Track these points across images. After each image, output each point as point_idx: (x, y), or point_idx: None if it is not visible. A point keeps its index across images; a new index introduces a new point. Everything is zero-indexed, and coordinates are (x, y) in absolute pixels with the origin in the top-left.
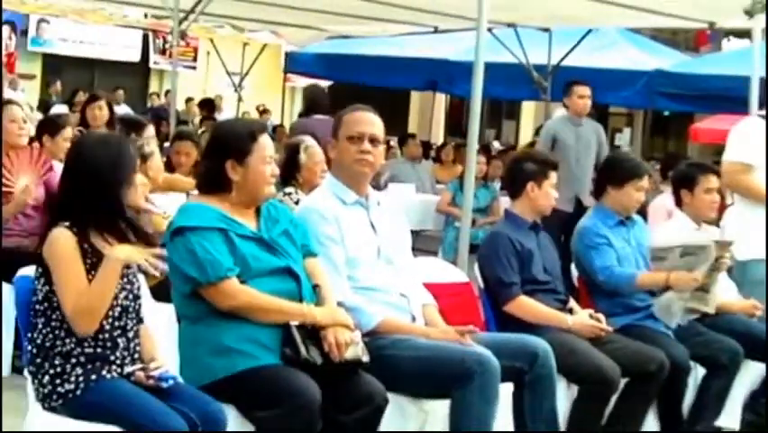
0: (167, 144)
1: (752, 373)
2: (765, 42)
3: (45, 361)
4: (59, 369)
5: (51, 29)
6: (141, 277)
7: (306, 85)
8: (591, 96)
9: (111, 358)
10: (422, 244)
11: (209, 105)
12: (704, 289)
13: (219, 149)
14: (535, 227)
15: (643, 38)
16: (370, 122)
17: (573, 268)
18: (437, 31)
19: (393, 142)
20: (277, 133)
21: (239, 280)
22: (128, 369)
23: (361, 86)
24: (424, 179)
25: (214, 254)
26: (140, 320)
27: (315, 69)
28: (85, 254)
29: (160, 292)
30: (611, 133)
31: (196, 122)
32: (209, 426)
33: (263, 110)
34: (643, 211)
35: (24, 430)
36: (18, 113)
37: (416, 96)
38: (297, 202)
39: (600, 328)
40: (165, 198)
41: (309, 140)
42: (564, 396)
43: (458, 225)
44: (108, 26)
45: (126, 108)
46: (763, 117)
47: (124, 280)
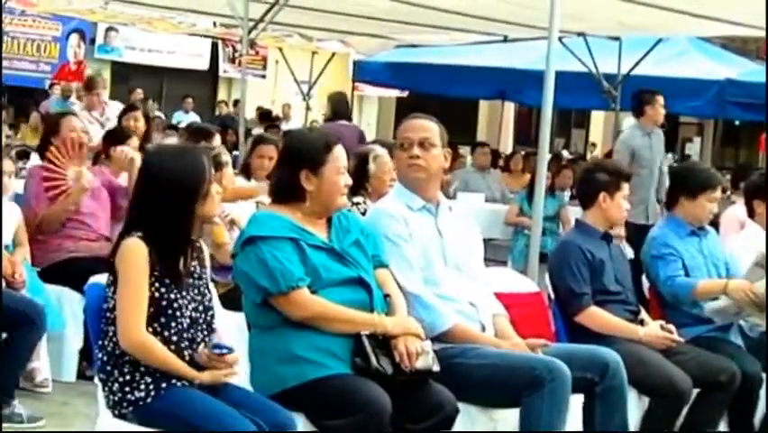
0: (235, 153)
1: None
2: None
3: (115, 368)
4: (128, 376)
5: (120, 37)
6: (212, 286)
7: (331, 93)
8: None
9: None
10: (491, 253)
11: (268, 117)
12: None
13: (294, 158)
14: (607, 237)
15: (713, 47)
16: (420, 127)
17: (645, 279)
18: (506, 40)
19: (462, 150)
20: None
21: (310, 290)
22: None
23: (429, 95)
24: (493, 189)
25: (285, 264)
26: (211, 331)
27: (384, 78)
28: (154, 265)
29: (230, 300)
30: (681, 142)
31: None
32: None
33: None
34: (714, 222)
35: None
36: (77, 123)
37: (484, 105)
38: (365, 213)
39: (672, 340)
40: (234, 206)
41: (379, 149)
42: (635, 407)
43: (527, 232)
44: (177, 35)
45: (194, 116)
46: None
47: (195, 291)
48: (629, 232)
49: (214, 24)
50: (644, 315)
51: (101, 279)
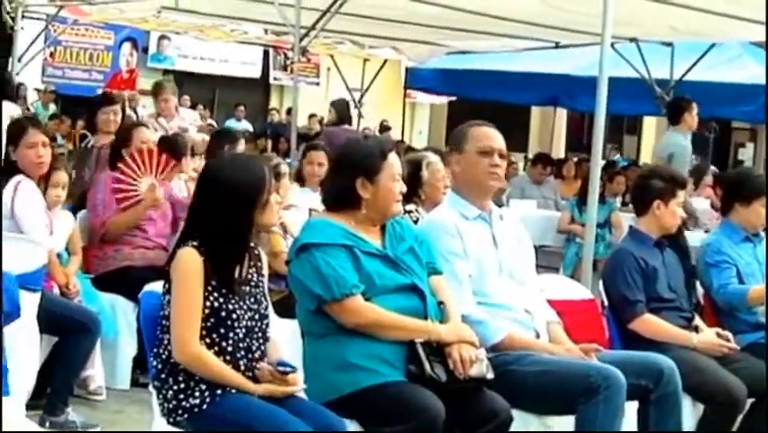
0: (287, 160)
1: None
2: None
3: (170, 376)
4: (183, 384)
5: (172, 45)
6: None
7: (334, 100)
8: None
9: None
10: (543, 259)
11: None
12: None
13: (349, 166)
14: (660, 244)
15: None
16: (498, 136)
17: (699, 285)
18: (558, 46)
19: (513, 157)
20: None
21: (364, 297)
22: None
23: (481, 101)
24: (547, 197)
25: (339, 271)
26: (266, 339)
27: (435, 85)
28: (209, 275)
29: (283, 308)
30: (734, 147)
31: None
32: None
33: (385, 126)
34: None
35: None
36: (149, 135)
37: (536, 112)
38: (417, 221)
39: (727, 347)
40: (287, 212)
41: (432, 156)
42: (690, 414)
43: (579, 241)
44: (229, 43)
45: (246, 124)
46: None
47: (251, 300)
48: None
49: (266, 32)
50: (698, 321)
51: (156, 287)
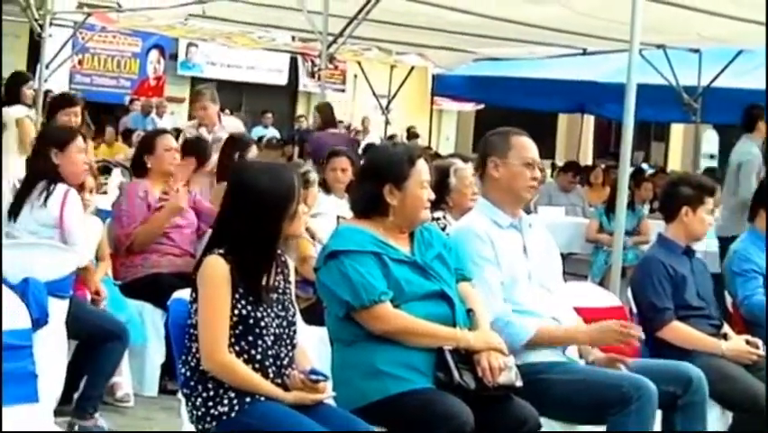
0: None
1: None
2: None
3: (199, 383)
4: (212, 392)
5: (200, 53)
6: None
7: (318, 104)
8: None
9: None
10: (571, 267)
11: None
12: None
13: (377, 173)
14: (689, 252)
15: None
16: (535, 148)
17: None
18: (586, 53)
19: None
20: None
21: (392, 304)
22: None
23: (508, 108)
24: (575, 204)
25: (367, 278)
26: (294, 346)
27: (463, 92)
28: (236, 283)
29: (311, 315)
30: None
31: None
32: None
33: (412, 133)
34: None
35: None
36: (172, 142)
37: (563, 119)
38: (445, 228)
39: (757, 354)
40: (316, 221)
41: (459, 162)
42: (719, 422)
43: (607, 249)
44: (256, 50)
45: (274, 131)
46: None
47: (279, 307)
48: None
49: (293, 39)
50: (726, 329)
51: (184, 294)
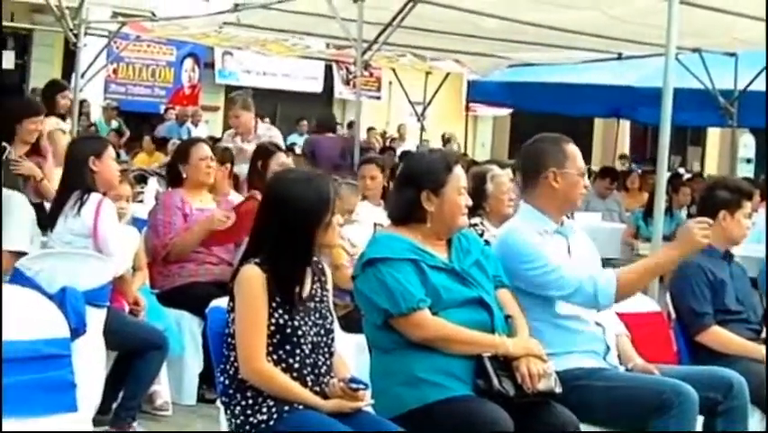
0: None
1: None
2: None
3: (237, 392)
4: (250, 400)
5: (235, 61)
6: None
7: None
8: None
9: None
10: None
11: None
12: None
13: (414, 180)
14: (727, 256)
15: None
16: None
17: None
18: (621, 57)
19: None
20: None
21: (431, 311)
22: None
23: (543, 114)
24: (611, 209)
25: (405, 285)
26: (332, 354)
27: (498, 98)
28: (272, 292)
29: (349, 322)
30: None
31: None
32: None
33: (448, 138)
34: None
35: None
36: (207, 151)
37: (599, 123)
38: (482, 234)
39: None
40: (352, 228)
41: (496, 169)
42: (759, 427)
43: (642, 252)
44: (291, 58)
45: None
46: None
47: (316, 315)
48: None
49: (327, 46)
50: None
51: (222, 303)
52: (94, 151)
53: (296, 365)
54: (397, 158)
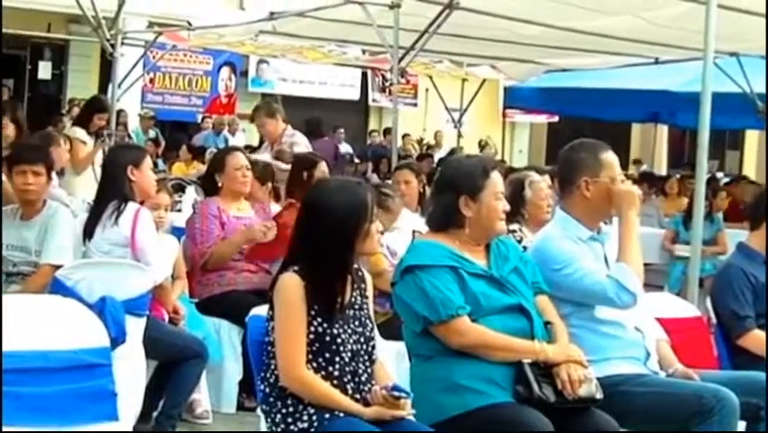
0: (388, 182)
1: None
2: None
3: (278, 400)
4: (291, 408)
5: (271, 69)
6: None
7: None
8: None
9: None
10: (647, 278)
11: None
12: None
13: (451, 185)
14: None
15: None
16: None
17: None
18: (658, 62)
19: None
20: None
21: (470, 318)
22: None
23: (581, 119)
24: (650, 214)
25: (445, 292)
26: (372, 361)
27: (534, 104)
28: (311, 301)
29: (388, 329)
30: None
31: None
32: None
33: (485, 143)
34: None
35: None
36: (243, 161)
37: (636, 128)
38: (521, 240)
39: None
40: (389, 235)
41: (534, 175)
42: None
43: (681, 255)
44: (327, 65)
45: (346, 147)
46: None
47: (356, 323)
48: None
49: (363, 53)
50: None
51: (262, 311)
52: (132, 160)
53: (336, 373)
54: (434, 164)
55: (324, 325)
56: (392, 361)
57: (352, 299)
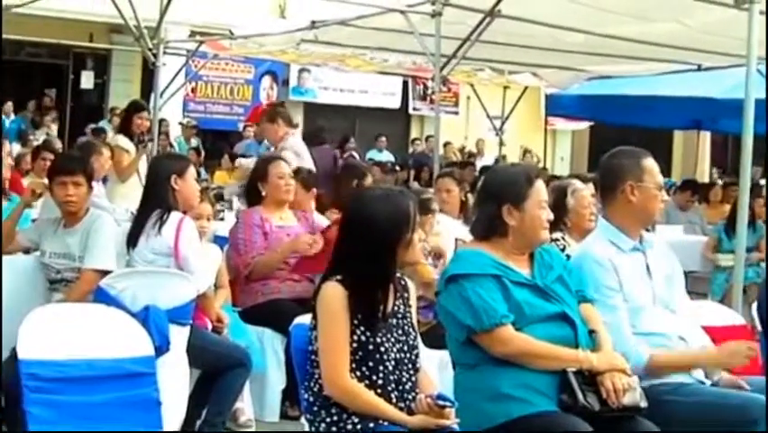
0: (431, 190)
1: None
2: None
3: (322, 409)
4: (335, 417)
5: (312, 78)
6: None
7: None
8: None
9: None
10: (691, 285)
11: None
12: None
13: (495, 194)
14: None
15: None
16: None
17: None
18: (701, 69)
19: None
20: None
21: (514, 327)
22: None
23: (623, 127)
24: (693, 222)
25: (488, 301)
26: (416, 370)
27: (576, 111)
28: (354, 310)
29: (431, 338)
30: None
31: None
32: None
33: (526, 150)
34: None
35: None
36: (285, 169)
37: (678, 135)
38: (564, 249)
39: None
40: (437, 238)
41: (577, 183)
42: None
43: (724, 264)
44: (368, 74)
45: (388, 155)
46: None
47: (399, 332)
48: None
49: (404, 61)
50: None
51: (305, 320)
52: (176, 169)
53: (379, 382)
54: (477, 172)
55: (368, 334)
56: (435, 370)
57: (395, 308)
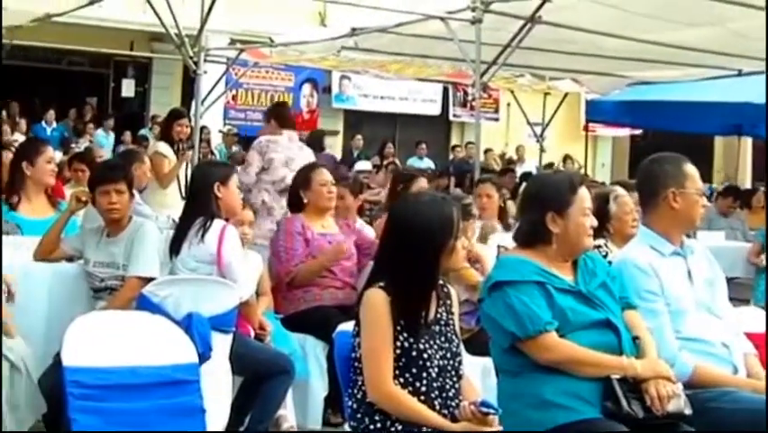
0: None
1: None
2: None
3: (366, 415)
4: (379, 424)
5: (353, 85)
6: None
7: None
8: None
9: None
10: (733, 291)
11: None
12: None
13: (539, 201)
14: None
15: None
16: None
17: None
18: (741, 74)
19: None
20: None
21: (558, 333)
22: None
23: (663, 132)
24: (734, 228)
25: (532, 308)
26: (459, 377)
27: (617, 117)
28: (397, 316)
29: (474, 345)
30: None
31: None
32: None
33: (567, 156)
34: None
35: None
36: (327, 176)
37: (719, 141)
38: (606, 256)
39: None
40: (478, 245)
41: (620, 189)
42: None
43: None
44: (409, 81)
45: (428, 162)
46: None
47: (442, 339)
48: None
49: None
50: None
51: (348, 327)
52: (219, 177)
53: (423, 388)
54: (517, 179)
55: (411, 340)
56: (478, 376)
57: (438, 315)
